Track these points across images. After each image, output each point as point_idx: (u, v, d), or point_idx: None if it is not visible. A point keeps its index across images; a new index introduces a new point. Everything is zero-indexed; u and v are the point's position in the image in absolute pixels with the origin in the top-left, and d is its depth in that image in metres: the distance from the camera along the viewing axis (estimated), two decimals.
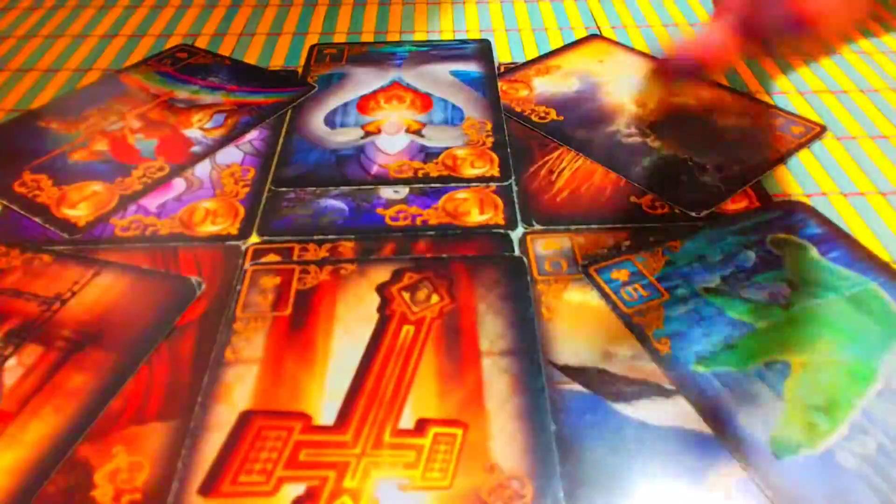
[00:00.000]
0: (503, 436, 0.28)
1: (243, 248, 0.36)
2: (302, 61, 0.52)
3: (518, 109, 0.47)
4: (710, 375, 0.30)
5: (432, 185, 0.40)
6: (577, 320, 0.33)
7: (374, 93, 0.48)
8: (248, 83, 0.49)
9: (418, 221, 0.38)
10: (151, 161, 0.42)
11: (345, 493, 0.26)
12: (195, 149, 0.43)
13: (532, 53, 0.53)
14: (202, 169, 0.42)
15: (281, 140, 0.44)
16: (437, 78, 0.50)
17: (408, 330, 0.32)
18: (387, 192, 0.40)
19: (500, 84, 0.49)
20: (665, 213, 0.38)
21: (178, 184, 0.40)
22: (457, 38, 0.55)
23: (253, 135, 0.44)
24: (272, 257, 0.36)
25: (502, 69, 0.51)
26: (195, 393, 0.30)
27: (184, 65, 0.52)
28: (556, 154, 0.43)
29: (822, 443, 0.28)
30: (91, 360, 0.31)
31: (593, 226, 0.38)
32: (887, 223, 0.38)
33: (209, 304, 0.33)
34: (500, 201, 0.39)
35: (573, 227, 0.37)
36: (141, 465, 0.27)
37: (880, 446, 0.28)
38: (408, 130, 0.45)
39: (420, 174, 0.41)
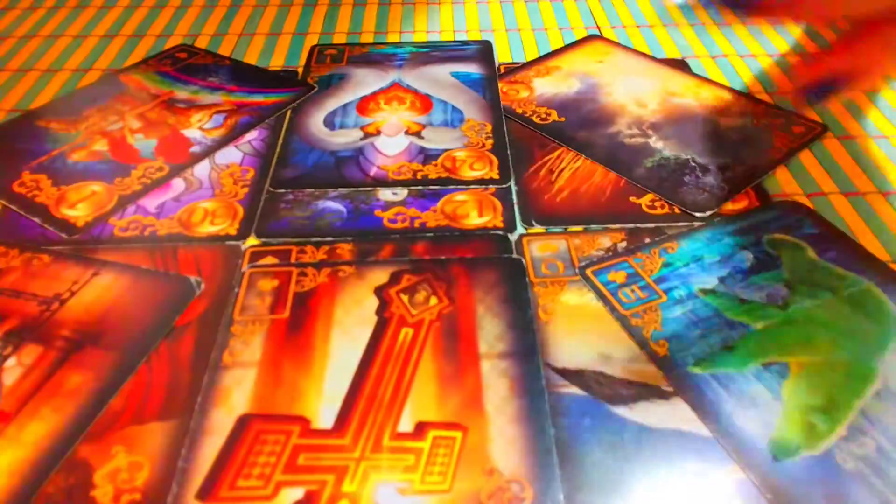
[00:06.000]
0: (502, 439, 0.28)
1: (243, 248, 0.36)
2: (302, 61, 0.52)
3: (519, 111, 0.47)
4: (708, 377, 0.30)
5: (431, 187, 0.40)
6: (575, 323, 0.33)
7: (374, 94, 0.48)
8: (248, 83, 0.49)
9: (417, 224, 0.38)
10: (151, 161, 0.42)
11: (344, 497, 0.26)
12: (194, 149, 0.43)
13: (532, 54, 0.53)
14: (201, 169, 0.42)
15: (280, 141, 0.44)
16: (438, 79, 0.50)
17: (406, 332, 0.32)
18: (385, 194, 0.40)
19: (500, 85, 0.49)
20: (665, 213, 0.38)
21: (178, 184, 0.40)
22: (457, 38, 0.55)
23: (252, 135, 0.44)
24: (270, 259, 0.36)
25: (503, 70, 0.51)
26: (194, 393, 0.30)
27: (184, 65, 0.51)
28: (556, 154, 0.43)
29: (821, 444, 0.28)
30: (90, 360, 0.31)
31: (593, 225, 0.38)
32: (887, 223, 0.38)
33: (208, 304, 0.33)
34: (498, 204, 0.39)
35: (573, 227, 0.37)
36: (140, 465, 0.27)
37: (879, 447, 0.28)
38: (407, 132, 0.45)
39: (419, 176, 0.41)
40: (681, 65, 0.52)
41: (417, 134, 0.44)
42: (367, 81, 0.50)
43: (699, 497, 0.26)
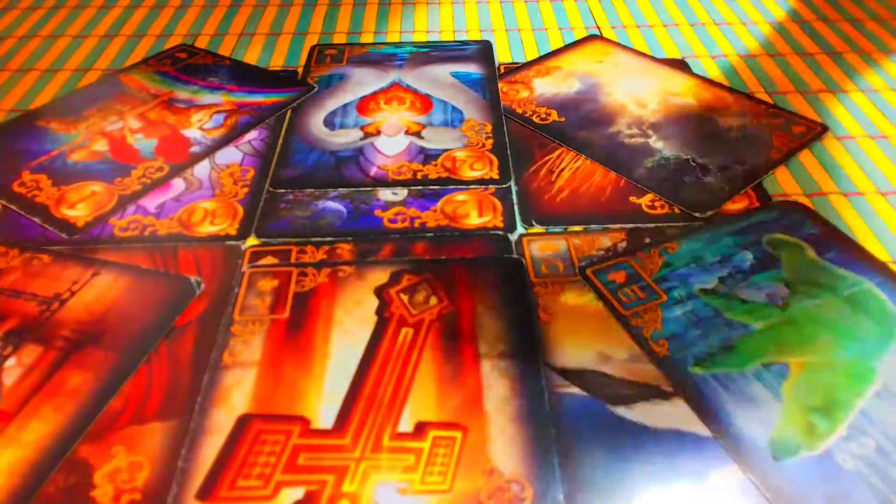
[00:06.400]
0: (502, 439, 0.28)
1: (243, 248, 0.36)
2: (302, 61, 0.52)
3: (519, 111, 0.47)
4: (708, 377, 0.30)
5: (431, 187, 0.40)
6: (575, 323, 0.33)
7: (375, 94, 0.48)
8: (248, 83, 0.49)
9: (417, 224, 0.38)
10: (151, 161, 0.42)
11: (344, 497, 0.26)
12: (194, 149, 0.43)
13: (532, 54, 0.53)
14: (201, 169, 0.42)
15: (280, 141, 0.44)
16: (438, 79, 0.50)
17: (406, 332, 0.32)
18: (385, 194, 0.40)
19: (500, 85, 0.49)
20: (665, 213, 0.38)
21: (178, 184, 0.40)
22: (457, 38, 0.55)
23: (252, 135, 0.44)
24: (270, 259, 0.36)
25: (503, 70, 0.51)
26: (194, 393, 0.30)
27: (184, 65, 0.51)
28: (556, 154, 0.43)
29: (822, 444, 0.28)
30: (90, 360, 0.31)
31: (593, 226, 0.38)
32: (887, 223, 0.38)
33: (208, 304, 0.33)
34: (498, 204, 0.39)
35: (573, 227, 0.37)
36: (141, 465, 0.27)
37: (879, 447, 0.28)
38: (407, 132, 0.44)
39: (419, 176, 0.41)
40: (681, 65, 0.52)
41: (417, 134, 0.44)
42: (367, 81, 0.50)
43: (699, 497, 0.26)
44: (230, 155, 0.43)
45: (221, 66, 0.51)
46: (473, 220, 0.38)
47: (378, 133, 0.44)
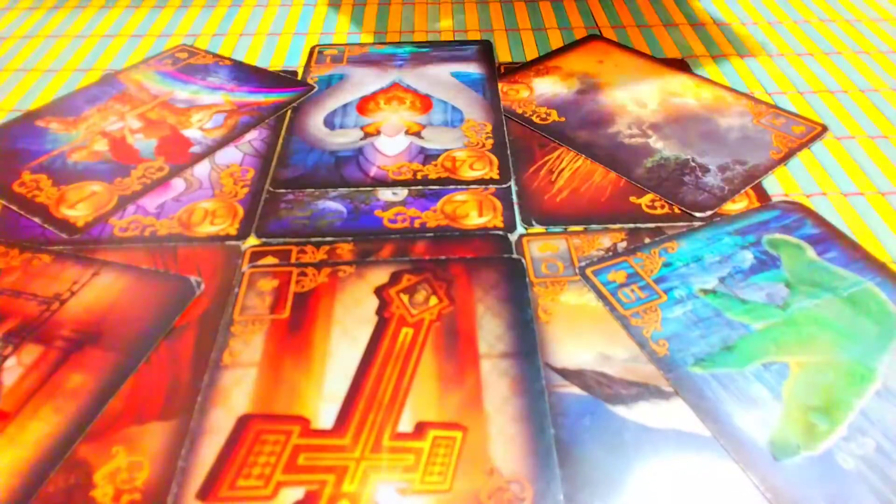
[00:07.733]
0: (503, 439, 0.28)
1: (243, 248, 0.36)
2: (302, 62, 0.52)
3: (519, 111, 0.47)
4: (708, 377, 0.30)
5: (431, 187, 0.40)
6: (575, 323, 0.33)
7: (374, 94, 0.48)
8: (248, 83, 0.49)
9: (417, 224, 0.38)
10: (151, 161, 0.42)
11: (344, 497, 0.26)
12: (194, 149, 0.43)
13: (532, 54, 0.53)
14: (201, 169, 0.42)
15: (280, 141, 0.44)
16: (438, 79, 0.50)
17: (406, 332, 0.32)
18: (385, 194, 0.40)
19: (500, 85, 0.49)
20: (665, 213, 0.38)
21: (178, 184, 0.40)
22: (457, 38, 0.55)
23: (252, 135, 0.44)
24: (270, 259, 0.36)
25: (503, 70, 0.51)
26: (194, 393, 0.30)
27: (184, 65, 0.52)
28: (556, 154, 0.43)
29: (822, 444, 0.28)
30: (90, 360, 0.31)
31: (593, 225, 0.38)
32: (887, 223, 0.38)
33: (208, 304, 0.33)
34: (498, 204, 0.39)
35: (573, 227, 0.37)
36: (141, 465, 0.27)
37: (879, 447, 0.28)
38: (407, 132, 0.45)
39: (419, 176, 0.41)
40: (681, 65, 0.52)
41: (417, 134, 0.44)
42: (366, 81, 0.50)
43: (699, 497, 0.26)
44: (230, 155, 0.43)
45: (221, 66, 0.51)
46: (473, 220, 0.38)
47: (378, 133, 0.44)
